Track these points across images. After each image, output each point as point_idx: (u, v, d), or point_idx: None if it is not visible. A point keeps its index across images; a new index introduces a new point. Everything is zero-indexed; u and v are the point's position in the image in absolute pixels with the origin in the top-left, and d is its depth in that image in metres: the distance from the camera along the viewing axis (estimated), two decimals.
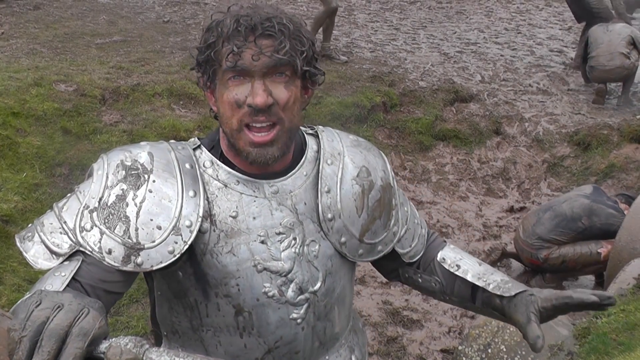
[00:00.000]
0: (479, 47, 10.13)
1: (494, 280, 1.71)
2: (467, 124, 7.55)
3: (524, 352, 3.75)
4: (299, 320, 1.63)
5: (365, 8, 12.43)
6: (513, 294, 1.64)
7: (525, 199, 6.82)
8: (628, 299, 3.92)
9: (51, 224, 1.51)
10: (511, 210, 6.59)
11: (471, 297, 1.79)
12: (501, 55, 9.72)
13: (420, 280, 1.87)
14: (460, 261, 1.81)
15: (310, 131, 1.75)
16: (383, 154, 1.83)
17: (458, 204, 6.58)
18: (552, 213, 5.24)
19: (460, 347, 3.97)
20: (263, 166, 1.55)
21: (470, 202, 6.65)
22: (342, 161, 1.69)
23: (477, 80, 8.65)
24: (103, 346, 1.10)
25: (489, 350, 3.81)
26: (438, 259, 1.84)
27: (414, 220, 1.87)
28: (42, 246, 1.48)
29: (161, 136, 5.79)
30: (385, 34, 10.49)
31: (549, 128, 7.61)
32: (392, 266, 1.89)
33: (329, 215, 1.63)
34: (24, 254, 1.50)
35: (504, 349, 3.80)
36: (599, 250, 5.08)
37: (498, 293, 1.67)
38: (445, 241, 1.93)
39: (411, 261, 1.86)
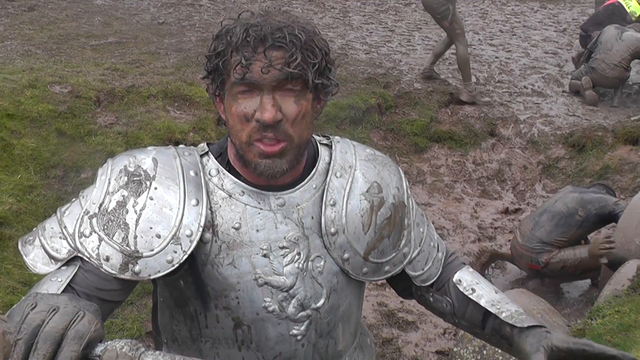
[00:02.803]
0: (474, 49, 10.13)
1: (507, 309, 1.63)
2: (462, 126, 7.56)
3: None
4: (299, 337, 1.59)
5: (360, 10, 12.44)
6: (526, 325, 1.57)
7: (520, 201, 6.84)
8: (623, 300, 3.94)
9: (52, 228, 1.49)
10: (506, 211, 6.60)
11: (481, 324, 1.71)
12: (496, 57, 9.74)
13: (431, 299, 1.80)
14: (477, 285, 1.73)
15: (325, 141, 1.69)
16: (401, 171, 1.76)
17: (453, 206, 6.59)
18: (549, 214, 5.29)
19: (455, 349, 3.97)
20: (271, 179, 1.51)
21: (465, 204, 6.66)
22: (352, 175, 1.63)
23: (472, 81, 8.65)
24: (99, 349, 1.09)
25: (484, 352, 3.81)
26: (454, 279, 1.76)
27: (429, 242, 1.79)
28: (41, 250, 1.46)
29: (156, 138, 5.79)
30: (380, 36, 10.49)
31: (543, 130, 7.63)
32: (405, 284, 1.81)
33: (332, 230, 1.57)
34: (24, 257, 1.48)
35: (499, 351, 3.80)
36: None
37: (510, 322, 1.59)
38: (464, 263, 1.85)
39: (423, 285, 1.78)
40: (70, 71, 6.71)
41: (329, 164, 1.64)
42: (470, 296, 1.71)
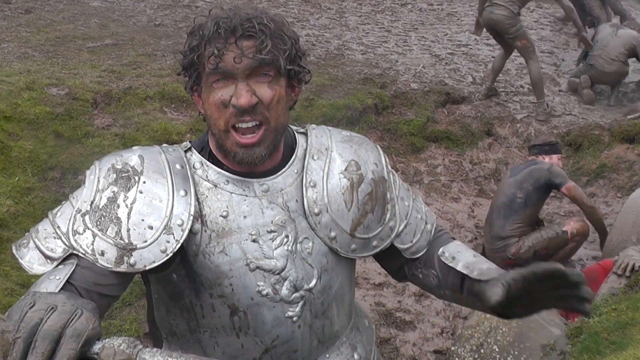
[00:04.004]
0: (470, 48, 10.14)
1: (479, 268, 1.67)
2: (459, 126, 7.57)
3: (516, 352, 3.77)
4: (295, 319, 1.63)
5: (356, 10, 12.43)
6: (491, 277, 1.60)
7: None
8: (619, 298, 3.94)
9: (45, 229, 1.52)
10: None
11: (460, 289, 1.75)
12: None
13: (420, 275, 1.84)
14: (457, 254, 1.77)
15: (302, 130, 1.76)
16: (379, 148, 1.81)
17: (450, 205, 6.60)
18: (496, 211, 5.40)
19: (453, 348, 3.98)
20: (251, 166, 1.56)
21: (462, 204, 6.66)
22: (329, 156, 1.69)
23: (469, 81, 8.67)
24: (96, 347, 1.11)
25: (482, 351, 3.82)
26: (438, 252, 1.80)
27: (416, 215, 1.83)
28: (36, 251, 1.49)
29: (153, 139, 5.80)
30: (377, 36, 10.50)
31: (540, 129, 7.65)
32: (397, 264, 1.86)
33: (316, 210, 1.62)
34: (20, 260, 1.50)
35: (497, 349, 3.81)
36: (564, 229, 5.24)
37: (477, 277, 1.64)
38: (453, 238, 1.89)
39: (413, 257, 1.82)
40: (67, 73, 6.72)
41: (306, 149, 1.69)
42: (450, 263, 1.76)
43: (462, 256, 1.76)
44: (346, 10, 12.32)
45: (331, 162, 1.68)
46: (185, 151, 1.63)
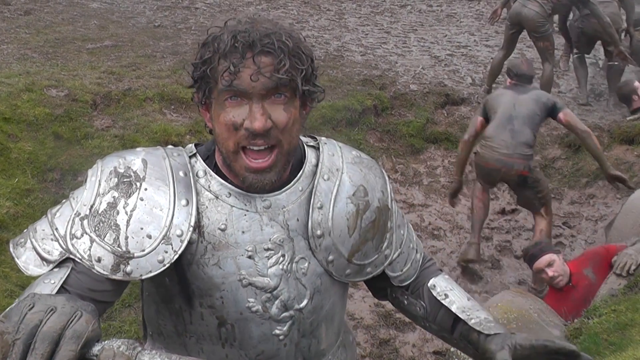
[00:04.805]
0: (470, 50, 10.15)
1: (477, 316, 1.68)
2: (458, 127, 7.56)
3: None
4: (281, 337, 1.61)
5: (355, 12, 12.44)
6: (493, 332, 1.62)
7: (516, 201, 6.84)
8: (619, 299, 3.94)
9: (43, 230, 1.50)
10: (502, 212, 6.60)
11: (451, 329, 1.75)
12: (492, 58, 9.69)
13: (405, 302, 1.83)
14: (450, 292, 1.76)
15: (312, 143, 1.70)
16: (385, 174, 1.78)
17: (449, 207, 6.60)
18: (519, 120, 5.38)
19: (452, 349, 3.97)
20: (260, 191, 1.53)
21: (461, 205, 6.65)
22: (340, 178, 1.64)
23: (468, 83, 8.67)
24: (96, 349, 1.10)
25: None
26: (429, 284, 1.79)
27: (409, 244, 1.82)
28: (33, 252, 1.47)
29: (152, 140, 5.79)
30: (376, 38, 10.50)
31: (540, 130, 7.63)
32: (381, 285, 1.84)
33: (318, 232, 1.58)
34: (16, 259, 1.49)
35: None
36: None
37: (478, 329, 1.64)
38: (441, 270, 1.88)
39: (400, 285, 1.81)
40: (67, 75, 6.72)
41: (316, 166, 1.64)
42: (443, 301, 1.74)
43: (455, 296, 1.76)
44: (345, 12, 12.33)
45: (341, 184, 1.63)
46: (190, 157, 1.59)
